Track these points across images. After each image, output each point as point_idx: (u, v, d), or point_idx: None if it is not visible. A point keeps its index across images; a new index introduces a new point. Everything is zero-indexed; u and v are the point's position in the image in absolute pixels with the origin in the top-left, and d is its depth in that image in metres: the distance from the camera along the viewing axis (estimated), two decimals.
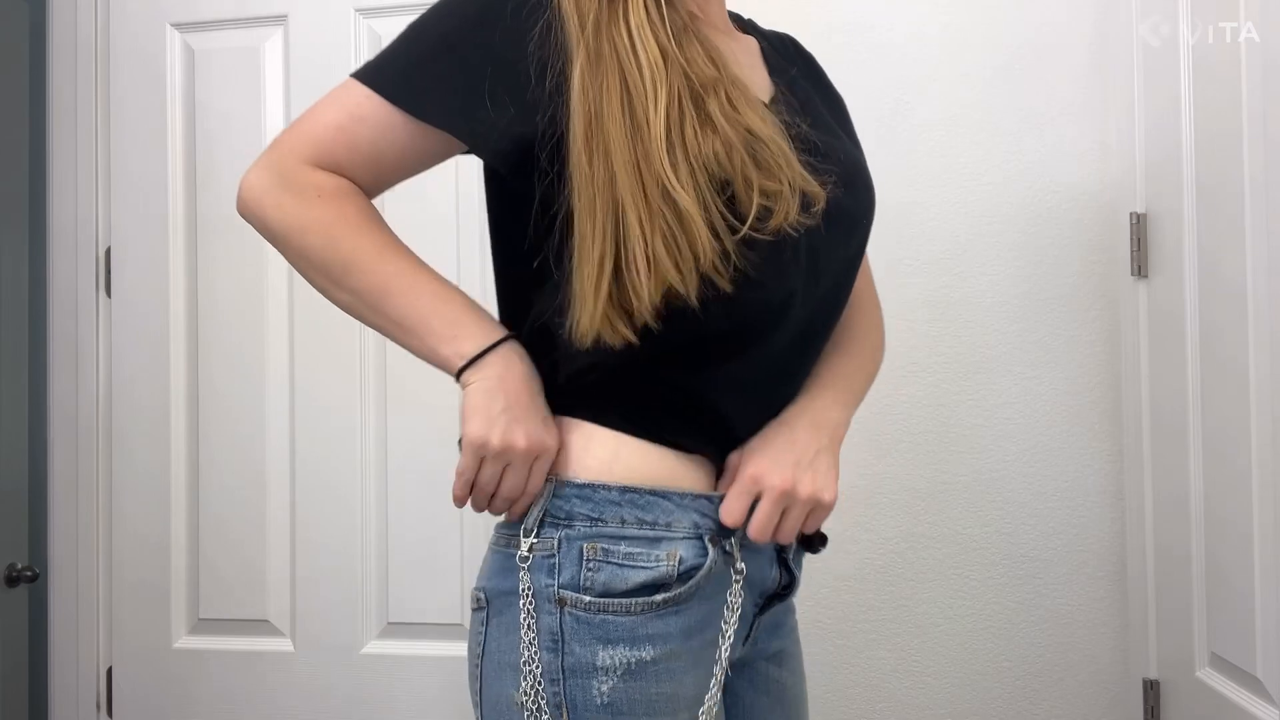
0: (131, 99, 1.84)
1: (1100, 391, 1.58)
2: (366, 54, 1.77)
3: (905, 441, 1.62)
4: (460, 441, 0.87)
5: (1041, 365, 1.60)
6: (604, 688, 0.79)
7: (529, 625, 0.81)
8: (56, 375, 1.85)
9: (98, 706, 1.80)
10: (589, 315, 0.77)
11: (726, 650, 0.82)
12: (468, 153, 0.86)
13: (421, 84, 0.86)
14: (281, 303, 1.76)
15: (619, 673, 0.79)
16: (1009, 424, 1.60)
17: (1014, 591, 1.60)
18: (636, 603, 0.79)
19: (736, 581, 0.83)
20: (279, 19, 1.79)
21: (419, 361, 0.90)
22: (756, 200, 0.77)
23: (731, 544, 0.83)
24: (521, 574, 0.82)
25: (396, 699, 1.70)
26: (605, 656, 0.79)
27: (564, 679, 0.79)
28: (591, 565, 0.80)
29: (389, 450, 1.72)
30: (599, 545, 0.81)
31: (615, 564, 0.80)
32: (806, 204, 0.79)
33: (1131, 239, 1.52)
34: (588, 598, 0.80)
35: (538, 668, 0.80)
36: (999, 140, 1.58)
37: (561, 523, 0.82)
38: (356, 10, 1.76)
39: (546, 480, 0.84)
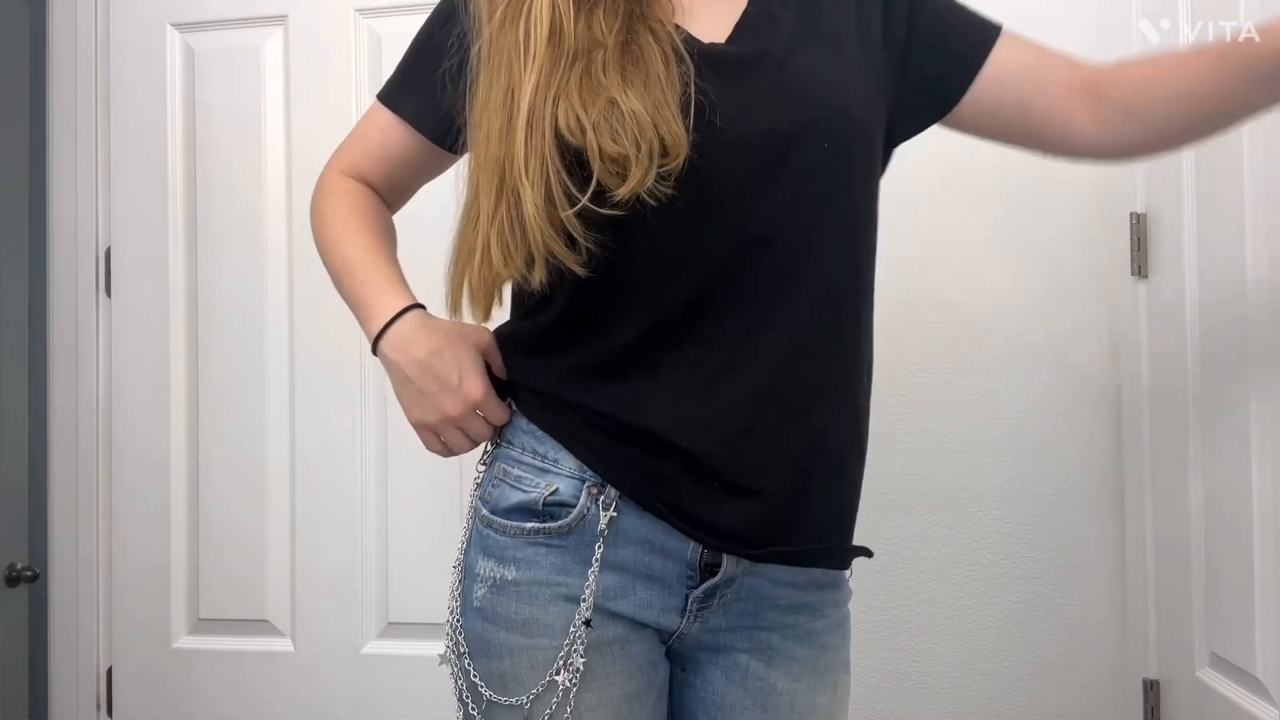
0: (131, 99, 1.83)
1: (1100, 392, 1.58)
2: (367, 54, 1.77)
3: (905, 442, 1.62)
4: None
5: (1041, 365, 1.60)
6: (479, 593, 0.87)
7: (466, 521, 0.93)
8: (56, 375, 1.85)
9: (97, 706, 1.80)
10: (451, 295, 0.85)
11: (588, 594, 0.84)
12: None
13: (400, 83, 0.98)
14: (281, 302, 1.76)
15: (488, 583, 0.86)
16: (1008, 424, 1.60)
17: (1013, 591, 1.60)
18: (511, 525, 0.86)
19: (603, 533, 0.84)
20: (279, 19, 1.79)
21: None
22: (604, 168, 0.76)
23: (610, 497, 0.84)
24: (476, 477, 0.94)
25: (397, 699, 1.70)
26: (482, 565, 0.87)
27: (463, 575, 0.90)
28: (494, 482, 0.89)
29: (389, 449, 1.72)
30: (503, 465, 0.89)
31: (507, 484, 0.88)
32: (664, 167, 0.77)
33: (1131, 239, 1.52)
34: (484, 510, 0.89)
35: (458, 557, 0.92)
36: None
37: (498, 442, 0.91)
38: (356, 10, 1.76)
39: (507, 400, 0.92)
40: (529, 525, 0.85)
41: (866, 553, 0.93)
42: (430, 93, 0.91)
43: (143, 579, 1.79)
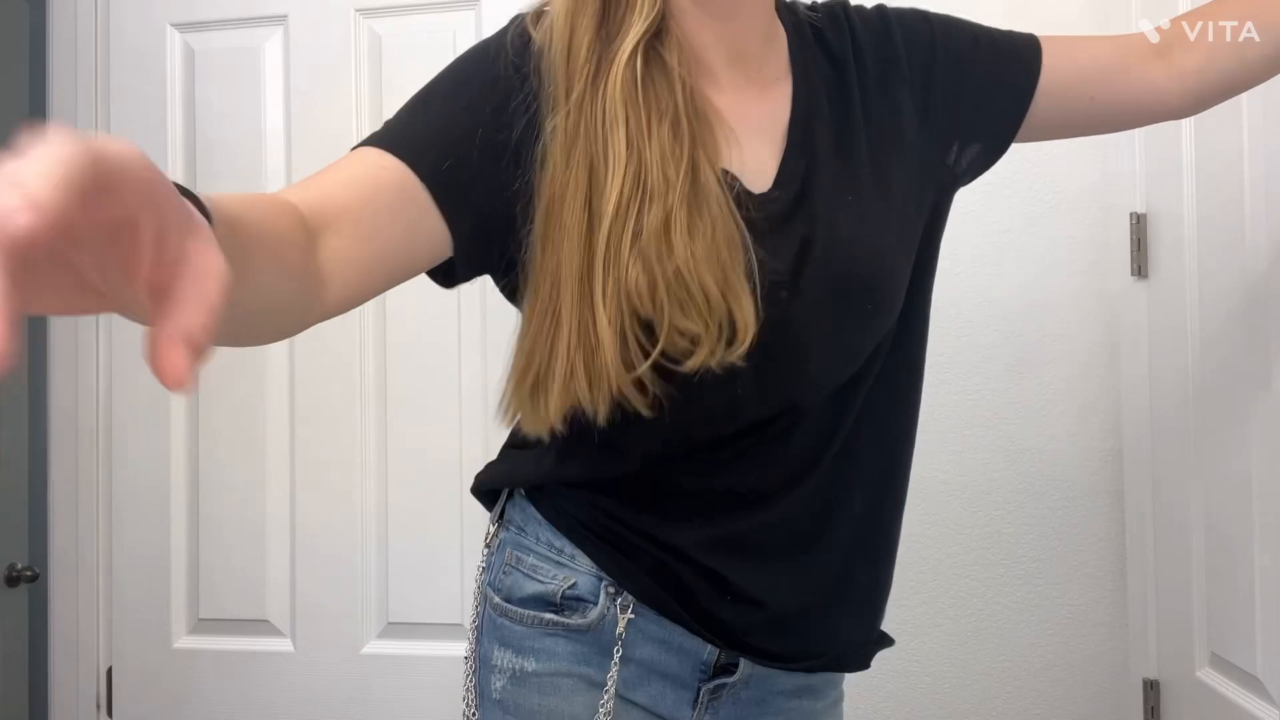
0: (131, 99, 1.83)
1: (1100, 392, 1.58)
2: (367, 54, 1.77)
3: None
4: None
5: (1041, 364, 1.60)
6: (497, 684, 0.85)
7: (475, 609, 0.90)
8: (56, 375, 1.85)
9: (98, 706, 1.80)
10: (512, 408, 0.78)
11: (610, 684, 0.83)
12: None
13: (405, 129, 0.76)
14: None
15: (507, 674, 0.84)
16: (1009, 424, 1.60)
17: (1014, 592, 1.60)
18: (528, 615, 0.84)
19: (621, 635, 0.83)
20: (279, 19, 1.79)
21: (418, 361, 0.92)
22: (677, 341, 0.72)
23: (627, 599, 0.83)
24: (481, 561, 0.91)
25: (397, 699, 1.70)
26: (499, 656, 0.85)
27: (478, 666, 0.87)
28: (506, 570, 0.87)
29: (389, 451, 1.72)
30: (515, 553, 0.86)
31: (521, 572, 0.85)
32: (732, 340, 0.73)
33: (1131, 239, 1.52)
34: (497, 598, 0.86)
35: (470, 646, 0.89)
36: None
37: (505, 524, 0.89)
38: (357, 10, 1.76)
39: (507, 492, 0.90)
40: (547, 616, 0.83)
41: (888, 642, 0.93)
42: (450, 153, 0.73)
43: (142, 579, 1.79)
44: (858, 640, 0.91)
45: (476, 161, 0.73)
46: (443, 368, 1.68)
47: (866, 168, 0.82)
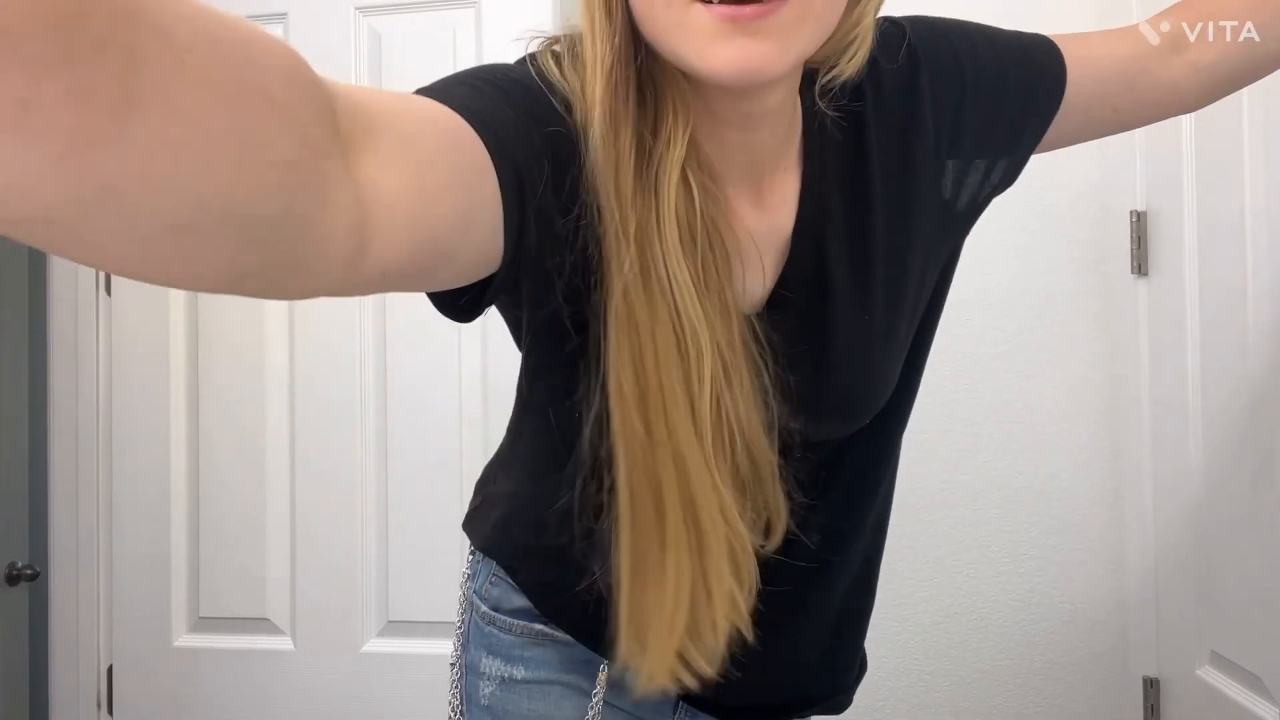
0: None
1: (1099, 390, 1.58)
2: (367, 52, 1.77)
3: (905, 440, 1.62)
4: None
5: (1041, 362, 1.60)
6: (486, 690, 0.84)
7: (460, 615, 0.89)
8: (56, 375, 1.85)
9: (98, 705, 1.80)
10: (659, 658, 0.64)
11: (599, 696, 0.82)
12: None
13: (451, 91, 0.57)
14: (281, 304, 1.76)
15: (496, 681, 0.84)
16: (1008, 423, 1.60)
17: (1013, 590, 1.60)
18: (517, 625, 0.83)
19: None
20: (279, 16, 1.79)
21: (419, 360, 0.89)
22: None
23: None
24: (465, 568, 0.91)
25: (397, 696, 1.71)
26: (487, 664, 0.84)
27: (465, 672, 0.86)
28: (494, 580, 0.86)
29: (389, 450, 1.72)
30: (502, 566, 0.86)
31: (509, 583, 0.84)
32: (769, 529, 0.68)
33: (1131, 237, 1.52)
34: (484, 607, 0.85)
35: (457, 652, 0.88)
36: None
37: (494, 538, 0.87)
38: (356, 9, 1.76)
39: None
40: (536, 627, 0.83)
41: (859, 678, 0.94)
42: (515, 161, 0.55)
43: (143, 578, 1.79)
44: (829, 678, 0.91)
45: (536, 199, 0.57)
46: (443, 362, 1.68)
47: (880, 271, 0.72)
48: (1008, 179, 0.82)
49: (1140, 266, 1.51)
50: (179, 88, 0.29)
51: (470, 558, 0.91)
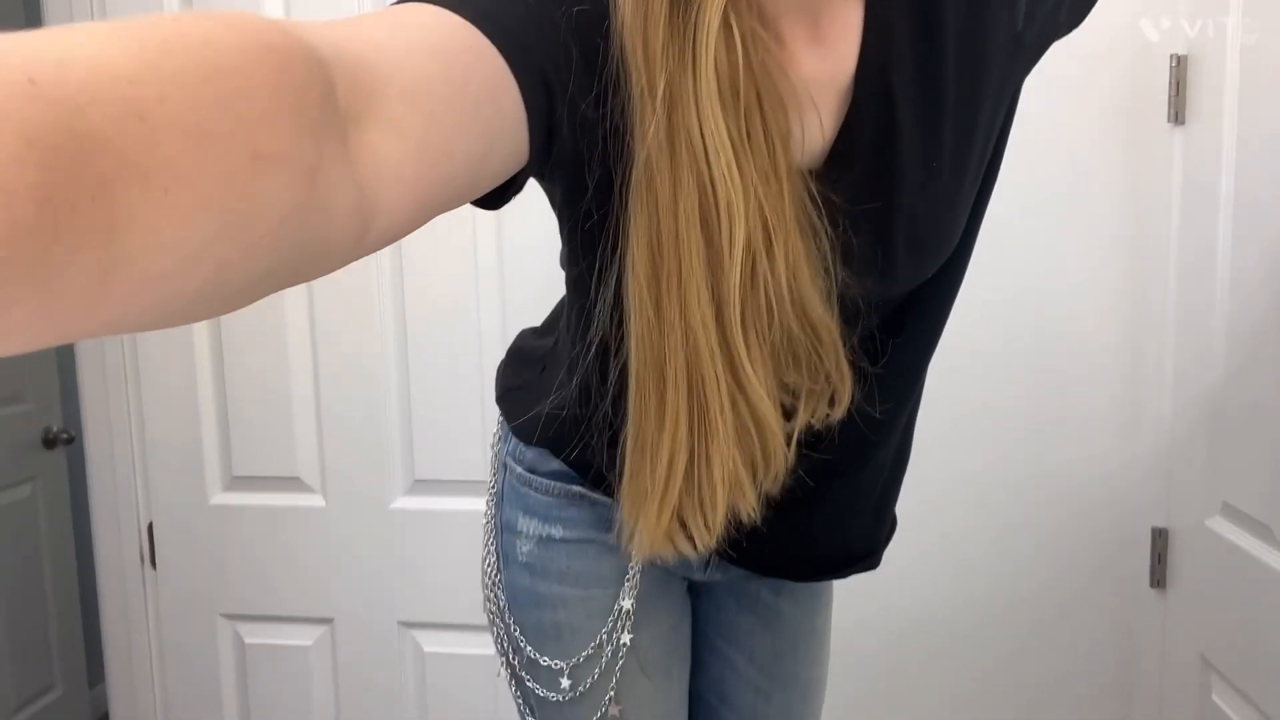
0: None
1: (1124, 246, 1.55)
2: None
3: None
4: None
5: (1065, 218, 1.55)
6: (524, 548, 0.86)
7: (492, 475, 0.90)
8: None
9: (141, 559, 1.88)
10: (650, 530, 0.66)
11: (636, 560, 0.83)
12: None
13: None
14: None
15: (534, 540, 0.85)
16: (1027, 282, 1.58)
17: (1025, 448, 1.61)
18: (554, 486, 0.84)
19: None
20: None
21: (432, 230, 0.84)
22: (782, 399, 0.64)
23: None
24: (496, 429, 0.91)
25: (425, 552, 1.77)
26: (524, 523, 0.86)
27: (501, 531, 0.88)
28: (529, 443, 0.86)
29: (406, 314, 1.72)
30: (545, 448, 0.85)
31: (543, 447, 0.84)
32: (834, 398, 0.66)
33: (1170, 83, 1.45)
34: (520, 469, 0.86)
35: (491, 512, 0.89)
36: None
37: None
38: None
39: None
40: (574, 489, 0.83)
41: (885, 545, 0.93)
42: (541, 69, 0.54)
43: (175, 440, 1.83)
44: (855, 541, 0.91)
45: (566, 95, 0.55)
46: (458, 229, 1.66)
47: (950, 115, 0.66)
48: (1076, 13, 0.73)
49: (1178, 115, 1.45)
50: (162, 225, 0.28)
51: (501, 420, 0.91)
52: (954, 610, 1.66)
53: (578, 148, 0.57)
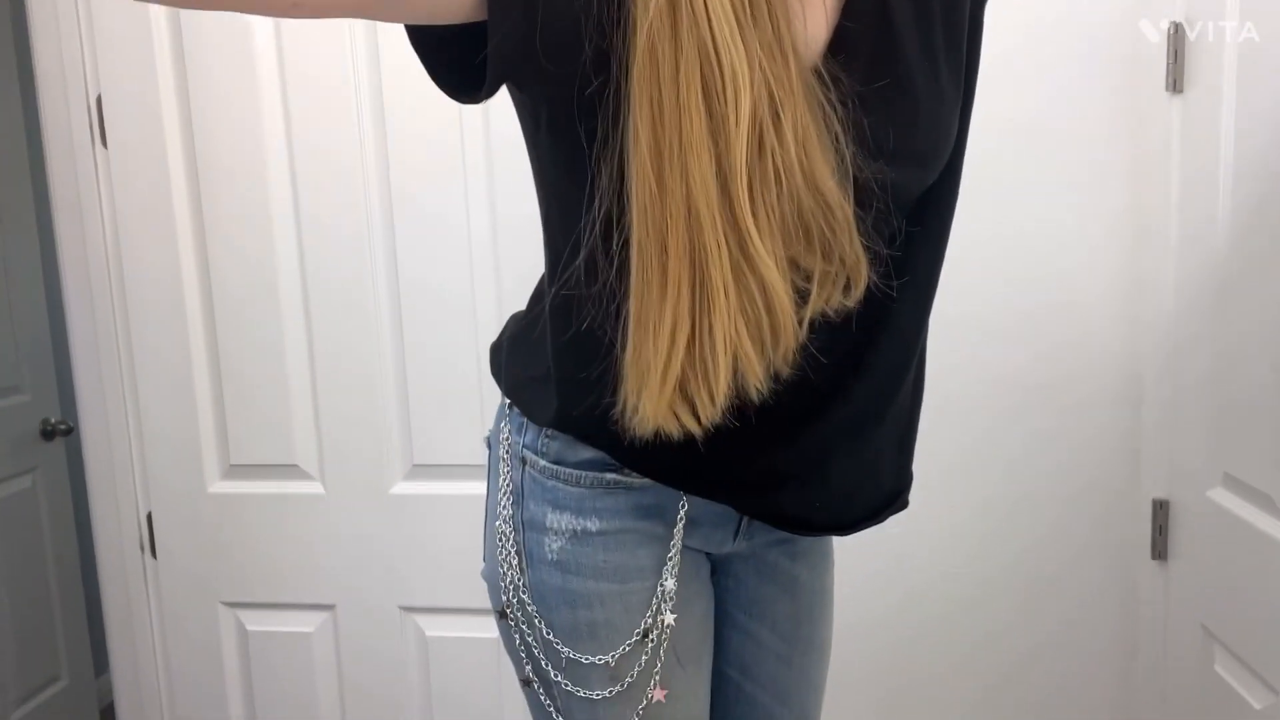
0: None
1: (1123, 215, 1.53)
2: None
3: None
4: None
5: (1061, 187, 1.54)
6: (554, 545, 0.81)
7: (502, 472, 0.85)
8: (64, 237, 1.82)
9: (141, 548, 1.89)
10: (653, 402, 0.64)
11: (678, 539, 0.82)
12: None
13: None
14: (279, 134, 1.70)
15: (566, 535, 0.81)
16: (1026, 251, 1.56)
17: (1025, 420, 1.60)
18: (586, 476, 0.80)
19: (683, 505, 0.82)
20: None
21: (425, 214, 0.83)
22: (795, 280, 0.64)
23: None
24: (504, 424, 0.86)
25: (426, 536, 1.77)
26: (554, 519, 0.81)
27: (523, 530, 0.83)
28: (549, 432, 0.81)
29: (401, 299, 1.71)
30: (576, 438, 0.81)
31: (568, 435, 0.80)
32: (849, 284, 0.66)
33: (1168, 50, 1.44)
34: (543, 462, 0.81)
35: (506, 511, 0.84)
36: None
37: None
38: None
39: None
40: (609, 476, 0.80)
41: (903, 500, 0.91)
42: None
43: (173, 428, 1.83)
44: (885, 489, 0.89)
45: None
46: (451, 213, 1.65)
47: (939, 9, 0.70)
48: None
49: (1176, 83, 1.43)
50: None
51: (508, 413, 0.86)
52: (954, 582, 1.66)
53: (572, 7, 0.59)
